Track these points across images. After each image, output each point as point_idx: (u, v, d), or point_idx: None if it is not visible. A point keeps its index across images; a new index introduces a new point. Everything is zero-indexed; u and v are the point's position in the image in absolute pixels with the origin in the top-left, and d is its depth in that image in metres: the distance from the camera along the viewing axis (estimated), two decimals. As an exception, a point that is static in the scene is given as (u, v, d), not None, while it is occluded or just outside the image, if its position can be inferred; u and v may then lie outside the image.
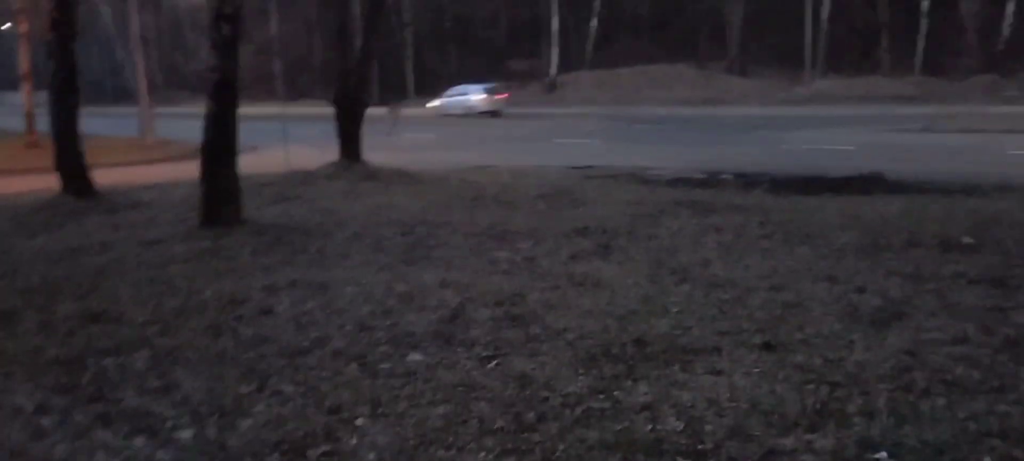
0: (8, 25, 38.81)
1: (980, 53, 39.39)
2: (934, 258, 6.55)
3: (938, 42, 41.64)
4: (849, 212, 8.86)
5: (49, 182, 12.36)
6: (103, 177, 13.07)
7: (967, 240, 7.08)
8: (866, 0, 45.53)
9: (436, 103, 40.24)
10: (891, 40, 43.78)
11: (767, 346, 4.60)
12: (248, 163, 11.23)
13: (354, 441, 3.62)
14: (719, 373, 4.24)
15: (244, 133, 9.79)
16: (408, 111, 32.89)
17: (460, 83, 42.22)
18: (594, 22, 55.37)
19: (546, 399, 4.00)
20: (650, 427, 3.66)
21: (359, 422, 3.80)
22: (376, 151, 15.75)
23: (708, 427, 3.63)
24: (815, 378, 4.10)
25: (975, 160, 15.20)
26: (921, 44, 42.37)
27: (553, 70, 54.49)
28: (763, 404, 3.83)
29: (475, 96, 39.18)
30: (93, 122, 19.53)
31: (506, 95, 41.75)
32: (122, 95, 48.70)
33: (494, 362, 4.54)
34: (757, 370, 4.26)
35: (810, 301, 5.48)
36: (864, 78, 41.81)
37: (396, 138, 16.55)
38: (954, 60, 40.16)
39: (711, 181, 13.22)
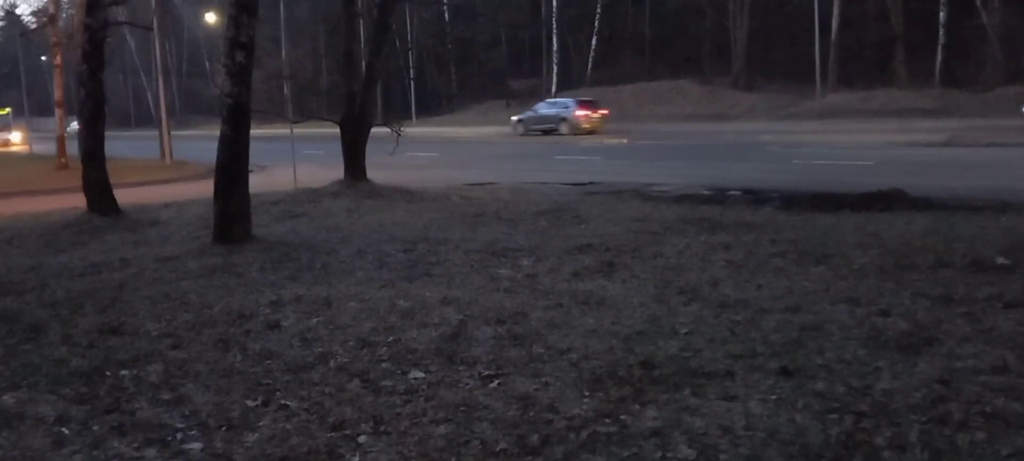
0: (45, 57, 47.62)
1: (1004, 64, 39.46)
2: (965, 279, 6.43)
3: (958, 53, 41.78)
4: (869, 230, 8.77)
5: (77, 201, 13.58)
6: (125, 196, 14.11)
7: (1001, 260, 6.94)
8: (879, 11, 45.72)
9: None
10: (907, 52, 43.91)
11: (784, 371, 4.49)
12: (258, 182, 12.21)
13: (356, 459, 3.73)
14: (733, 399, 4.14)
15: (254, 153, 10.59)
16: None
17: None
18: (594, 41, 56.79)
19: (550, 421, 3.97)
20: (660, 454, 3.59)
21: (361, 439, 3.89)
22: (380, 169, 16.49)
23: (723, 457, 3.54)
24: (839, 407, 3.98)
25: (1004, 175, 15.16)
26: (940, 56, 42.51)
27: (553, 88, 56.47)
28: (782, 434, 3.72)
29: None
30: (117, 144, 21.53)
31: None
32: (144, 119, 52.62)
33: (496, 381, 4.56)
34: (774, 397, 4.15)
35: (829, 324, 5.37)
36: (880, 91, 41.95)
37: (398, 156, 17.07)
38: (976, 72, 40.26)
39: (718, 198, 13.15)
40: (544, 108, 39.05)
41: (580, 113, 36.41)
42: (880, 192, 11.60)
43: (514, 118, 40.07)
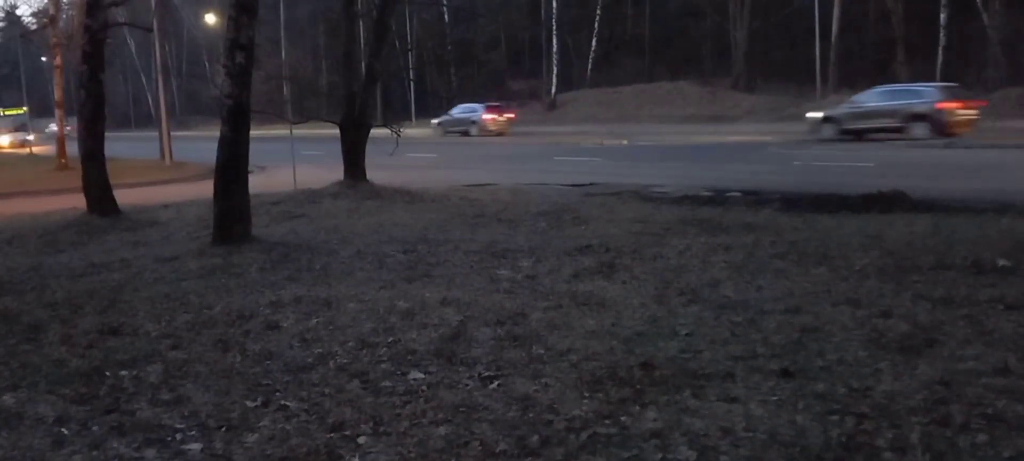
0: (45, 58, 47.25)
1: (1006, 66, 39.40)
2: (966, 281, 6.41)
3: (959, 55, 41.72)
4: (869, 232, 8.75)
5: (77, 202, 13.63)
6: (125, 196, 14.17)
7: (1003, 262, 6.92)
8: (880, 13, 45.70)
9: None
10: (907, 54, 43.87)
11: (785, 373, 4.48)
12: (258, 182, 12.23)
13: (356, 459, 3.73)
14: (734, 400, 4.14)
15: (254, 154, 10.63)
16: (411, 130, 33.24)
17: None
18: (594, 42, 57.09)
19: (550, 422, 3.97)
20: (661, 456, 3.58)
21: (361, 440, 3.90)
22: (379, 170, 16.49)
23: (723, 458, 3.54)
24: (839, 408, 3.98)
25: (1006, 177, 15.13)
26: (940, 58, 42.46)
27: (553, 89, 56.87)
28: (783, 435, 3.71)
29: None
30: (117, 145, 21.65)
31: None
32: (144, 120, 52.50)
33: (496, 382, 4.56)
34: (775, 398, 4.14)
35: (830, 325, 5.36)
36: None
37: (398, 157, 17.13)
38: (977, 73, 40.19)
39: (719, 199, 13.14)
40: (458, 112, 41.90)
41: (487, 116, 39.47)
42: (881, 194, 11.58)
43: (434, 121, 42.58)
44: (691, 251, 8.18)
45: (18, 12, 77.79)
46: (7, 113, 52.11)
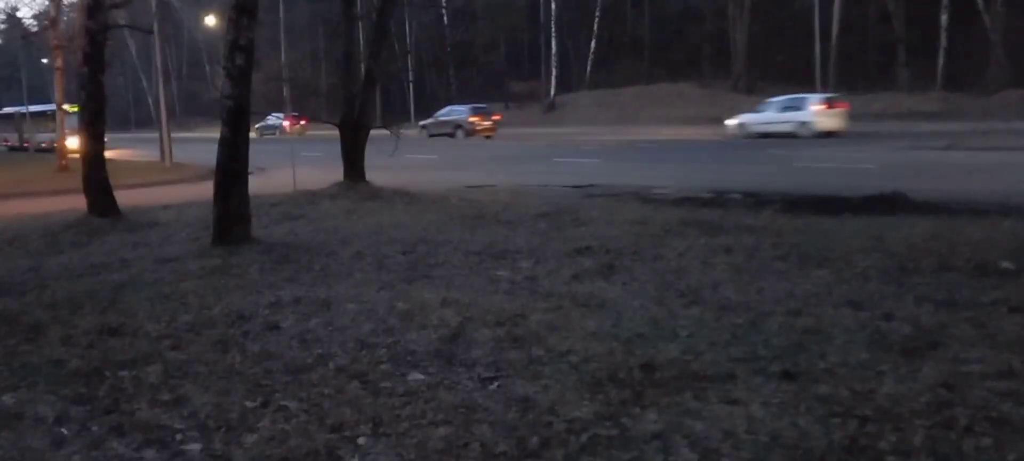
0: (45, 60, 46.48)
1: (1008, 68, 39.40)
2: (969, 284, 6.38)
3: (960, 57, 41.75)
4: (871, 233, 8.71)
5: (77, 203, 13.63)
6: (125, 197, 14.21)
7: (1006, 265, 6.89)
8: (880, 14, 45.70)
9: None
10: (908, 55, 43.87)
11: (787, 375, 4.46)
12: (257, 184, 12.11)
13: (355, 460, 3.72)
14: (735, 402, 4.11)
15: (254, 155, 10.73)
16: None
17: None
18: (593, 44, 57.08)
19: (550, 424, 3.94)
20: (662, 458, 3.56)
21: (361, 441, 3.89)
22: (379, 171, 16.54)
23: (725, 461, 3.51)
24: (842, 411, 3.94)
25: (1007, 179, 15.11)
26: (942, 59, 42.48)
27: (552, 91, 57.30)
28: (785, 438, 3.68)
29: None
30: (117, 145, 21.97)
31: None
32: (144, 121, 52.32)
33: (495, 383, 4.54)
34: (777, 400, 4.11)
35: (832, 328, 5.33)
36: (881, 94, 41.92)
37: (397, 158, 17.16)
38: (978, 75, 40.21)
39: (719, 200, 13.12)
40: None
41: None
42: (882, 195, 11.57)
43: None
44: (692, 252, 8.15)
45: (19, 14, 77.84)
46: (72, 110, 48.94)
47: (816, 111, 30.47)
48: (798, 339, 5.10)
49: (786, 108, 31.54)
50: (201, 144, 26.18)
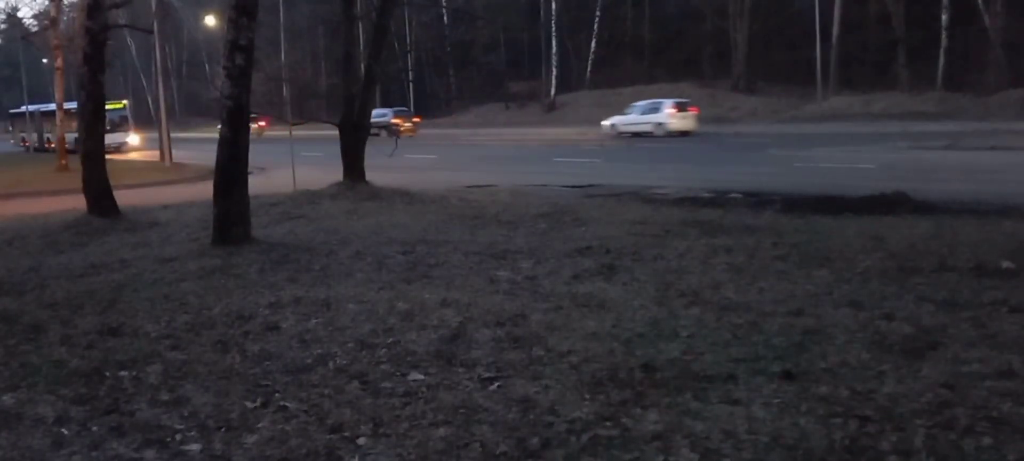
0: (46, 60, 46.61)
1: (1007, 68, 39.37)
2: (970, 284, 6.39)
3: (960, 57, 41.71)
4: (871, 233, 8.71)
5: (77, 203, 13.70)
6: (125, 197, 14.28)
7: (1006, 265, 6.89)
8: (880, 14, 45.69)
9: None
10: (908, 56, 43.85)
11: (787, 375, 4.45)
12: (257, 183, 12.24)
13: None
14: (736, 403, 4.11)
15: (254, 155, 10.71)
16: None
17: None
18: (593, 43, 57.31)
19: (550, 424, 3.94)
20: (662, 458, 3.56)
21: (361, 441, 3.89)
22: (379, 171, 16.54)
23: (726, 461, 3.50)
24: (842, 411, 3.94)
25: (1007, 179, 15.11)
26: (941, 59, 42.44)
27: (552, 91, 57.20)
28: (786, 438, 3.68)
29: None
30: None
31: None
32: (144, 121, 52.54)
33: (496, 384, 4.54)
34: (777, 401, 4.11)
35: (833, 328, 5.33)
36: (881, 94, 41.92)
37: (397, 158, 17.18)
38: (978, 75, 40.18)
39: (719, 200, 13.12)
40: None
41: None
42: (883, 195, 11.57)
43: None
44: (692, 253, 8.15)
45: (19, 14, 77.85)
46: (114, 107, 39.53)
47: (669, 114, 34.98)
48: (799, 339, 5.10)
49: (646, 111, 36.11)
50: (201, 144, 26.20)
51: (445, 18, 58.80)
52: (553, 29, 56.82)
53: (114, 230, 11.70)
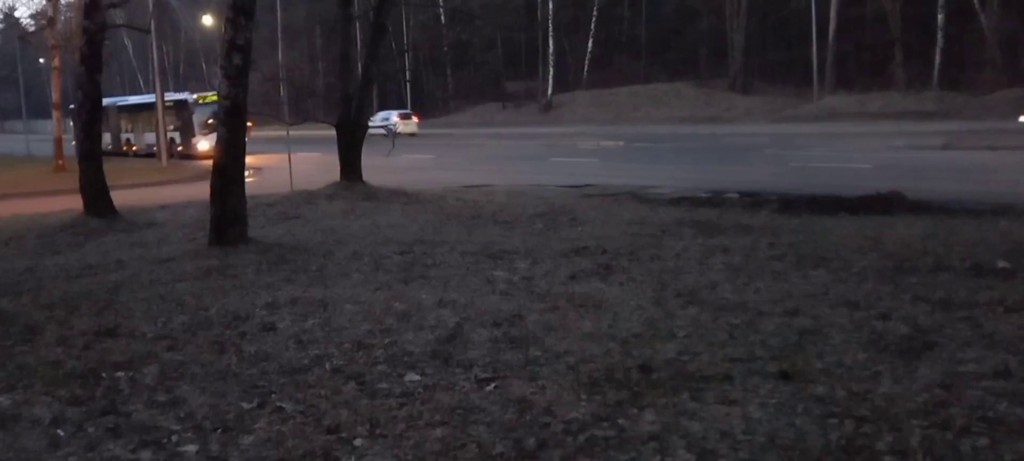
0: (43, 60, 47.24)
1: (1004, 67, 39.42)
2: (966, 284, 6.39)
3: (956, 57, 41.77)
4: (868, 233, 8.72)
5: (74, 203, 13.62)
6: (122, 197, 14.17)
7: (1002, 264, 6.90)
8: (877, 14, 45.73)
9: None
10: (905, 55, 43.90)
11: (784, 375, 4.46)
12: (254, 183, 12.37)
13: None
14: (732, 403, 4.11)
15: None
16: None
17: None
18: (590, 43, 57.46)
19: (547, 425, 3.94)
20: (659, 459, 3.56)
21: (357, 442, 3.88)
22: (376, 171, 16.56)
23: (722, 461, 3.50)
24: (839, 412, 3.95)
25: (1003, 179, 15.11)
26: (938, 59, 42.48)
27: (549, 90, 57.34)
28: (782, 438, 3.68)
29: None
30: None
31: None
32: None
33: (492, 385, 4.53)
34: (774, 401, 4.11)
35: (829, 328, 5.34)
36: (878, 93, 41.96)
37: (394, 158, 17.18)
38: (975, 75, 40.23)
39: (716, 200, 13.11)
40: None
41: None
42: (879, 195, 11.56)
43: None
44: (688, 253, 8.15)
45: (16, 14, 77.61)
46: (207, 100, 33.11)
47: (396, 121, 43.11)
48: (795, 339, 5.11)
49: (383, 119, 43.25)
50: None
51: (442, 18, 58.74)
52: (550, 29, 56.96)
53: (111, 230, 11.68)
